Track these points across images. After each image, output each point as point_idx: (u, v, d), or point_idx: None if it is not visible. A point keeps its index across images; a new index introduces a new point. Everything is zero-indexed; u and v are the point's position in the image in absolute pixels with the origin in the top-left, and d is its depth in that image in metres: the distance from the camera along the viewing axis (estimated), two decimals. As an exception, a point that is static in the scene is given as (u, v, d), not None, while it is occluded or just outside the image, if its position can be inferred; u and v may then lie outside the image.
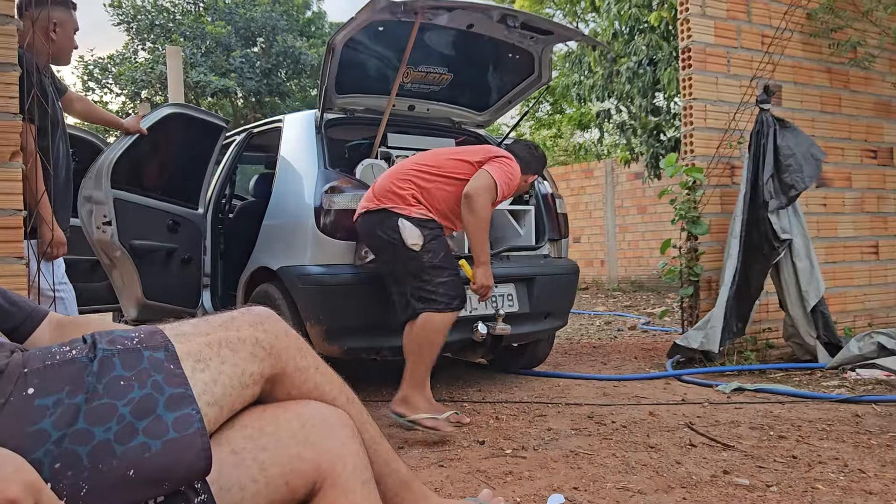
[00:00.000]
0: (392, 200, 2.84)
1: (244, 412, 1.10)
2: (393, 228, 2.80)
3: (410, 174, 2.90)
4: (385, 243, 2.82)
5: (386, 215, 2.84)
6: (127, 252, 3.66)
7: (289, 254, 3.32)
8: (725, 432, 2.78)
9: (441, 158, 2.94)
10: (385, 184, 2.89)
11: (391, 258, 2.84)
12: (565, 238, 4.03)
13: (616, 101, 8.64)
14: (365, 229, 2.89)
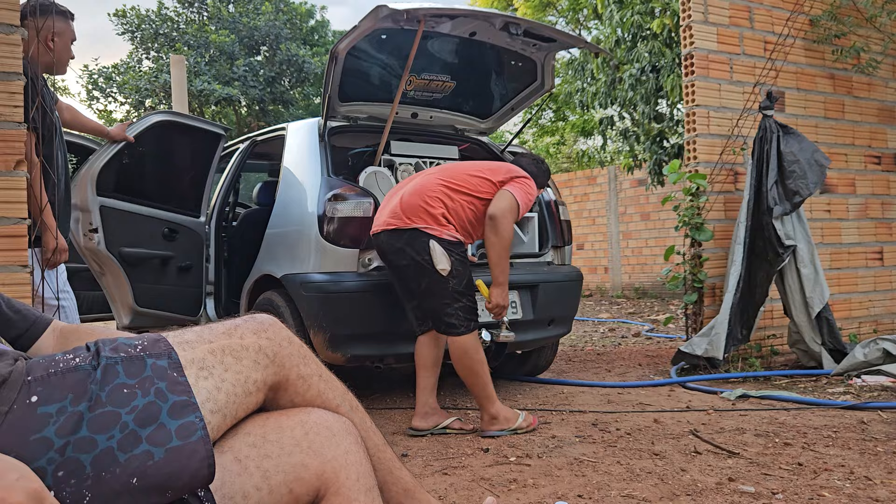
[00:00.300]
0: (424, 220, 2.83)
1: (247, 420, 1.09)
2: (424, 250, 2.80)
3: (438, 192, 2.89)
4: (412, 263, 2.82)
5: (416, 235, 2.83)
6: (116, 259, 3.64)
7: (292, 261, 3.31)
8: (730, 439, 2.77)
9: (465, 175, 2.94)
10: (415, 202, 2.87)
11: (415, 276, 2.84)
12: (569, 245, 4.02)
13: (619, 107, 8.65)
14: (391, 246, 2.86)
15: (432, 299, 2.82)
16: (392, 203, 2.91)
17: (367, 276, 3.20)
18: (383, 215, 2.91)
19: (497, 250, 2.84)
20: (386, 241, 2.85)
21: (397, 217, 2.86)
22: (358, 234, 3.22)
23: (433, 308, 2.82)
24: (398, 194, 2.96)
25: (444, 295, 2.81)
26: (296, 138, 3.70)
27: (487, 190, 2.94)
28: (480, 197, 2.93)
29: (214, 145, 4.00)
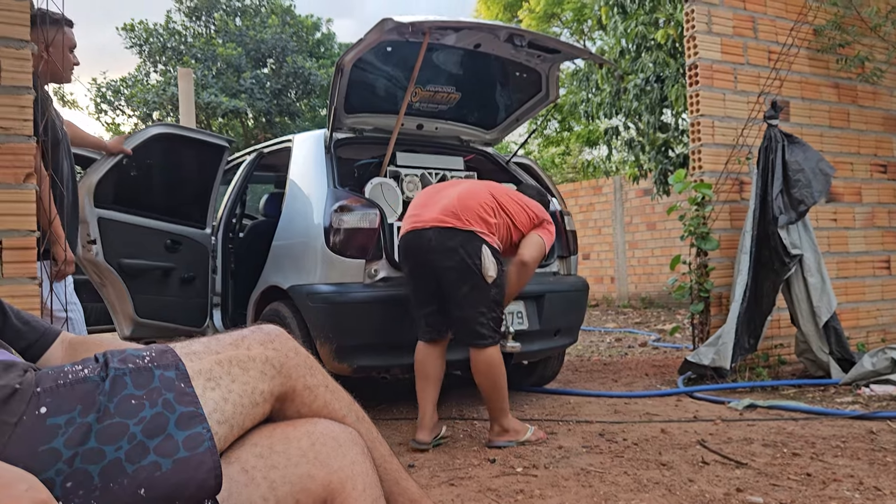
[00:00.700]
0: (479, 225, 2.84)
1: (254, 430, 1.09)
2: (476, 253, 2.79)
3: (491, 203, 2.93)
4: (462, 265, 2.80)
5: (472, 238, 2.83)
6: (115, 271, 3.63)
7: (299, 272, 3.30)
8: (738, 450, 2.75)
9: (509, 199, 2.99)
10: (472, 206, 2.88)
11: (458, 279, 2.81)
12: (574, 255, 4.01)
13: (624, 118, 8.65)
14: (442, 245, 2.82)
15: (469, 306, 2.81)
16: (444, 202, 2.90)
17: (374, 287, 3.18)
18: (431, 212, 2.89)
19: (514, 289, 2.97)
20: (437, 239, 2.83)
21: (454, 216, 2.85)
22: (364, 244, 3.20)
23: (467, 316, 2.81)
24: (447, 195, 2.95)
25: (483, 303, 2.81)
26: (302, 150, 3.71)
27: (524, 222, 3.00)
28: (516, 225, 2.98)
29: (218, 157, 3.99)
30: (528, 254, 2.94)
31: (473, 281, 2.80)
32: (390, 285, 3.21)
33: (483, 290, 2.81)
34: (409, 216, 3.00)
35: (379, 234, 3.24)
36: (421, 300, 2.97)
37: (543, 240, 2.98)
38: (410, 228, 2.91)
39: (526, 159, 4.43)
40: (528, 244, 2.96)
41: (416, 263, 2.91)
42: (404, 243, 2.93)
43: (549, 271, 3.83)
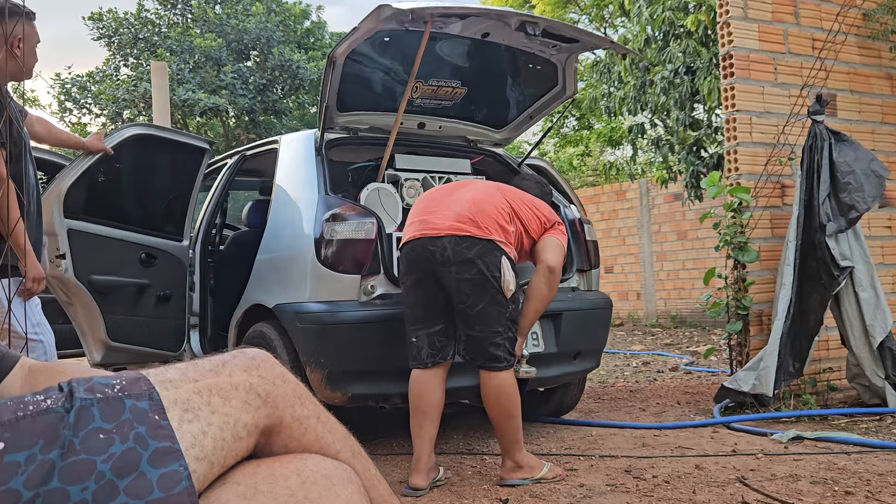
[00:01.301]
0: (499, 233, 2.88)
1: (237, 467, 1.08)
2: (495, 266, 2.83)
3: (506, 208, 2.98)
4: (480, 278, 2.83)
5: (492, 248, 2.87)
6: (85, 288, 3.64)
7: (286, 290, 3.33)
8: (783, 488, 2.74)
9: (522, 203, 3.05)
10: (490, 211, 2.93)
11: (474, 294, 2.84)
12: (596, 268, 4.02)
13: (650, 114, 8.68)
14: (459, 255, 2.85)
15: (484, 324, 2.84)
16: (458, 207, 2.94)
17: (370, 306, 3.21)
18: (444, 218, 2.93)
19: (544, 303, 2.99)
20: (452, 249, 2.85)
21: (473, 223, 2.89)
22: (359, 258, 3.23)
23: (480, 335, 2.85)
24: (459, 198, 2.99)
25: (499, 321, 2.84)
26: (289, 152, 3.74)
27: (535, 228, 3.05)
28: (528, 232, 3.03)
29: (198, 161, 4.01)
30: (553, 258, 2.97)
31: (491, 296, 2.82)
32: (389, 304, 3.23)
33: (501, 307, 2.84)
34: (414, 221, 3.01)
35: (376, 246, 3.26)
36: (425, 317, 2.97)
37: (559, 242, 3.03)
38: (419, 235, 2.94)
39: (541, 161, 4.45)
40: (548, 248, 3.00)
41: (425, 276, 2.92)
42: (409, 252, 2.95)
43: (567, 286, 3.85)
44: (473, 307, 2.84)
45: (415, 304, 3.00)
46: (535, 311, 3.01)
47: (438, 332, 2.95)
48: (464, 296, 2.85)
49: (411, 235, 2.98)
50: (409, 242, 2.98)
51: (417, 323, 2.99)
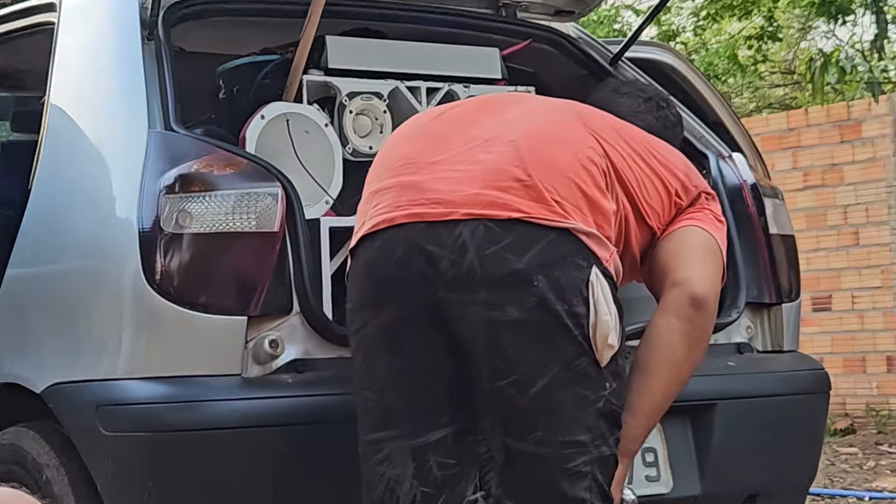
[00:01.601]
0: (581, 214, 2.03)
1: None
2: (577, 288, 1.98)
3: (599, 157, 2.13)
4: (542, 317, 1.97)
5: (567, 247, 2.00)
6: None
7: (74, 351, 2.54)
8: None
9: (628, 148, 2.22)
10: (560, 160, 2.07)
11: (524, 353, 1.98)
12: (793, 300, 2.93)
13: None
14: (493, 265, 1.99)
15: (550, 427, 2.01)
16: (489, 153, 2.10)
17: (271, 389, 2.42)
18: (458, 178, 2.09)
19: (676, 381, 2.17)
20: (479, 252, 1.98)
21: (524, 190, 2.02)
22: (244, 277, 2.37)
23: (541, 454, 2.01)
24: (491, 132, 2.17)
25: (582, 420, 2.01)
26: (80, 31, 2.81)
27: (658, 205, 2.17)
28: (641, 214, 2.19)
29: None
30: (701, 275, 2.16)
31: (566, 360, 1.98)
32: (314, 383, 2.38)
33: (587, 387, 2.00)
34: (384, 188, 2.18)
35: (282, 250, 2.37)
36: (408, 412, 2.12)
37: (716, 238, 2.22)
38: (401, 218, 2.08)
39: (663, 52, 3.48)
40: (688, 251, 2.20)
41: (410, 312, 2.07)
42: (374, 258, 2.13)
43: (725, 343, 2.86)
44: (526, 387, 2.01)
45: (384, 379, 2.14)
46: (659, 399, 2.19)
47: (439, 448, 2.09)
48: (504, 360, 2.00)
49: (380, 220, 2.12)
50: (372, 236, 2.13)
51: (388, 425, 2.13)
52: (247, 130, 2.52)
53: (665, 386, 2.10)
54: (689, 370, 2.13)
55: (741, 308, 2.75)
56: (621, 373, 2.02)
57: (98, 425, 2.19)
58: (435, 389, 2.05)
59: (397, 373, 2.03)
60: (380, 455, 2.02)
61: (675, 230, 2.15)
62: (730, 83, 12.25)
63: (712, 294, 2.11)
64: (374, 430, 2.03)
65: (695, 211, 2.18)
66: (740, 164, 2.95)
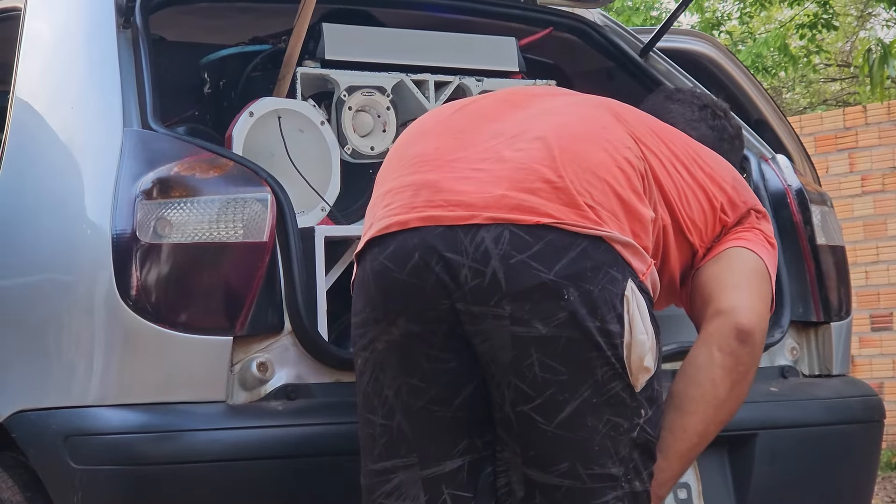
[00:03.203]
0: (617, 221, 2.01)
1: None
2: (610, 304, 1.96)
3: (636, 157, 2.11)
4: (572, 334, 1.94)
5: (602, 256, 1.99)
6: None
7: (40, 375, 2.54)
8: None
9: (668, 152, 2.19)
10: (595, 160, 2.06)
11: (551, 375, 1.97)
12: (843, 318, 2.90)
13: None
14: (519, 275, 1.97)
15: (578, 456, 1.99)
16: (516, 151, 2.08)
17: (261, 418, 2.39)
18: (482, 178, 2.08)
19: (717, 418, 2.14)
20: (503, 260, 1.97)
21: (553, 193, 2.01)
22: (230, 293, 2.34)
23: (567, 487, 2.01)
24: (517, 128, 2.17)
25: (614, 450, 1.98)
26: (50, 18, 2.84)
27: (701, 219, 2.18)
28: (682, 227, 2.17)
29: None
30: (748, 303, 2.13)
31: (597, 384, 1.96)
32: (308, 411, 2.37)
33: (620, 414, 1.98)
34: (398, 187, 2.15)
35: (271, 262, 2.36)
36: (417, 440, 2.06)
37: (765, 262, 2.20)
38: (415, 222, 2.05)
39: (700, 42, 3.47)
40: (735, 274, 2.18)
41: (423, 327, 2.03)
42: (383, 267, 2.07)
43: (768, 364, 2.85)
44: (552, 412, 1.97)
45: (393, 400, 2.09)
46: (695, 440, 2.14)
47: (454, 479, 2.07)
48: (529, 381, 1.96)
49: (392, 221, 2.07)
50: (382, 240, 2.09)
51: (398, 453, 2.08)
52: (233, 129, 2.48)
53: (702, 426, 2.06)
54: (730, 411, 2.10)
55: (785, 327, 2.69)
56: (658, 399, 1.97)
57: (66, 457, 2.14)
58: (451, 413, 2.00)
59: (409, 394, 1.98)
60: (387, 486, 1.98)
61: (721, 252, 2.12)
62: (780, 77, 11.99)
63: (760, 326, 2.07)
64: (381, 458, 1.99)
65: (743, 230, 2.14)
66: (785, 166, 2.91)
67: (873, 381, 5.61)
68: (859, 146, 7.70)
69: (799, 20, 10.98)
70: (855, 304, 4.16)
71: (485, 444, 2.01)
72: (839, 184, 7.39)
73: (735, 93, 3.28)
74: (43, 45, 2.66)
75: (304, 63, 2.67)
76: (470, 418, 1.99)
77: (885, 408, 2.96)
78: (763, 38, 11.48)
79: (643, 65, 3.07)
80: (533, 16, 3.07)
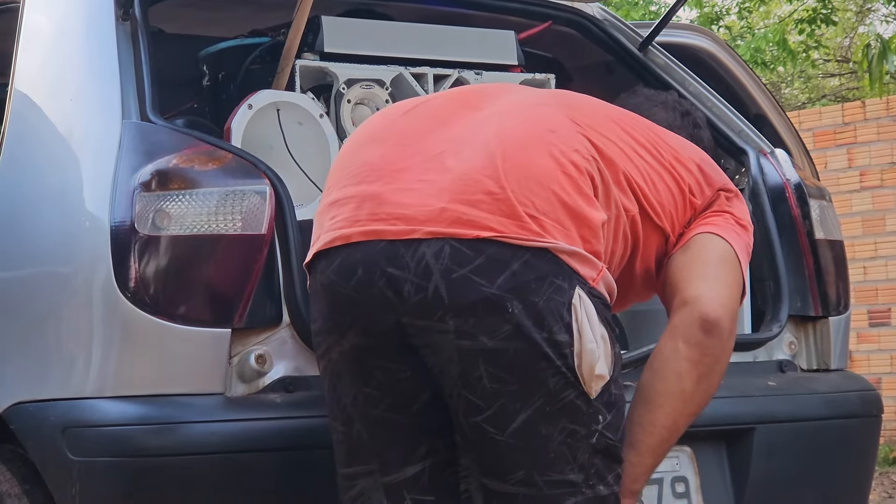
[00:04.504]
0: (561, 230, 1.99)
1: None
2: (556, 313, 1.98)
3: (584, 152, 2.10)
4: (519, 345, 1.96)
5: (545, 267, 1.99)
6: None
7: (38, 367, 2.60)
8: None
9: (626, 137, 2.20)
10: (536, 164, 2.07)
11: (500, 387, 1.99)
12: (841, 313, 2.95)
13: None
14: (463, 290, 1.99)
15: (533, 465, 2.00)
16: (458, 159, 2.09)
17: (260, 410, 2.45)
18: (425, 191, 2.10)
19: (687, 410, 2.13)
20: (445, 276, 1.99)
21: (494, 204, 2.02)
22: (228, 285, 2.40)
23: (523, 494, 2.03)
24: (461, 133, 2.18)
25: (571, 456, 1.99)
26: (49, 10, 2.88)
27: (669, 200, 2.16)
28: (650, 213, 2.16)
29: None
30: (714, 293, 2.13)
31: (548, 394, 1.95)
32: (304, 403, 2.41)
33: (573, 421, 1.96)
34: (342, 199, 2.16)
35: (270, 254, 2.43)
36: (375, 446, 2.11)
37: (734, 247, 2.19)
38: (358, 236, 2.04)
39: (699, 37, 3.53)
40: (701, 262, 2.18)
41: (372, 340, 2.03)
42: (331, 280, 2.10)
43: (765, 360, 2.90)
44: (504, 422, 2.01)
45: (350, 409, 2.13)
46: (664, 434, 2.15)
47: (415, 484, 2.10)
48: (478, 393, 2.00)
49: (336, 236, 2.11)
50: (328, 253, 2.12)
51: (357, 459, 2.15)
52: (232, 121, 2.53)
53: (671, 420, 2.06)
54: (699, 403, 2.10)
55: (783, 322, 2.73)
56: (617, 402, 1.98)
57: (65, 449, 2.19)
58: (407, 420, 2.03)
59: (365, 402, 2.02)
60: (352, 492, 2.04)
61: (689, 239, 2.14)
62: (779, 72, 12.05)
63: (727, 315, 2.07)
64: (344, 464, 2.05)
65: (713, 214, 2.16)
66: (783, 161, 2.94)
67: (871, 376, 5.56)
68: (858, 141, 7.76)
69: (798, 15, 11.13)
70: (853, 299, 4.22)
71: (446, 447, 2.05)
72: (837, 179, 7.42)
73: (734, 87, 3.31)
74: (42, 37, 2.69)
75: (303, 56, 2.72)
76: (429, 423, 2.03)
77: (882, 403, 2.99)
78: (762, 32, 11.58)
79: (642, 59, 3.11)
80: (532, 9, 3.11)
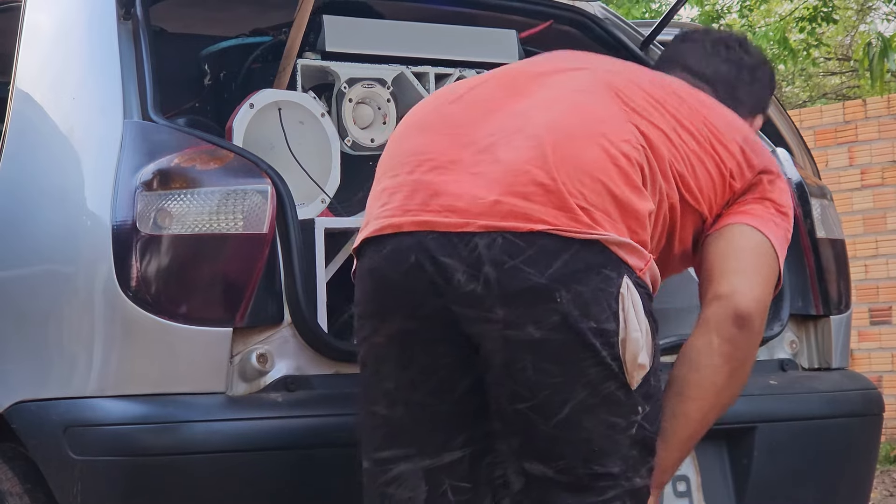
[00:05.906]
0: (611, 220, 2.02)
1: None
2: (604, 305, 2.00)
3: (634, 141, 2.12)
4: (565, 337, 1.97)
5: (593, 259, 2.01)
6: None
7: (40, 366, 2.59)
8: None
9: (678, 118, 2.17)
10: (590, 159, 2.07)
11: (545, 376, 1.99)
12: (843, 312, 2.95)
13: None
14: (511, 280, 1.99)
15: (575, 454, 2.02)
16: (511, 150, 2.09)
17: (261, 409, 2.45)
18: (477, 182, 2.10)
19: (716, 406, 2.15)
20: (496, 266, 1.99)
21: (545, 196, 2.01)
22: (230, 284, 2.40)
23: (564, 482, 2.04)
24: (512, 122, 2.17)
25: (612, 447, 2.00)
26: (50, 9, 2.87)
27: (709, 184, 2.16)
28: (689, 200, 2.15)
29: None
30: (748, 290, 2.12)
31: (592, 384, 1.98)
32: (306, 402, 2.41)
33: (616, 412, 2.00)
34: (395, 186, 2.16)
35: (271, 254, 2.42)
36: (415, 433, 2.10)
37: (771, 241, 2.16)
38: (410, 226, 2.07)
39: None
40: (738, 262, 2.18)
41: (419, 325, 2.07)
42: (379, 266, 2.11)
43: (768, 360, 2.89)
44: (549, 412, 2.00)
45: (394, 392, 2.12)
46: (695, 426, 2.17)
47: (454, 470, 2.10)
48: (523, 384, 1.99)
49: (386, 223, 2.10)
50: (378, 241, 2.11)
51: (397, 443, 2.13)
52: (234, 121, 2.53)
53: (702, 413, 2.08)
54: (730, 396, 2.12)
55: (784, 321, 2.73)
56: (655, 394, 2.00)
57: (66, 448, 2.19)
58: (450, 406, 2.05)
59: (408, 386, 2.02)
60: (388, 476, 2.03)
61: (725, 227, 2.12)
62: (780, 70, 12.06)
63: (759, 311, 2.08)
64: (382, 447, 2.04)
65: (753, 201, 2.14)
66: (784, 159, 2.92)
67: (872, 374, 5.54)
68: (859, 140, 7.75)
69: (799, 13, 11.18)
70: (854, 297, 4.21)
71: (483, 436, 2.05)
72: (839, 177, 7.40)
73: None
74: (43, 36, 2.69)
75: (305, 55, 2.72)
76: (469, 411, 2.02)
77: (883, 401, 2.99)
78: (763, 31, 11.67)
79: (644, 58, 3.09)
80: (533, 8, 3.12)
